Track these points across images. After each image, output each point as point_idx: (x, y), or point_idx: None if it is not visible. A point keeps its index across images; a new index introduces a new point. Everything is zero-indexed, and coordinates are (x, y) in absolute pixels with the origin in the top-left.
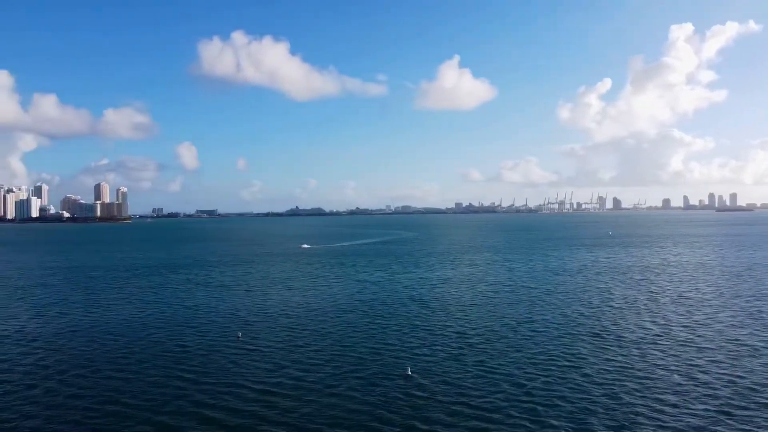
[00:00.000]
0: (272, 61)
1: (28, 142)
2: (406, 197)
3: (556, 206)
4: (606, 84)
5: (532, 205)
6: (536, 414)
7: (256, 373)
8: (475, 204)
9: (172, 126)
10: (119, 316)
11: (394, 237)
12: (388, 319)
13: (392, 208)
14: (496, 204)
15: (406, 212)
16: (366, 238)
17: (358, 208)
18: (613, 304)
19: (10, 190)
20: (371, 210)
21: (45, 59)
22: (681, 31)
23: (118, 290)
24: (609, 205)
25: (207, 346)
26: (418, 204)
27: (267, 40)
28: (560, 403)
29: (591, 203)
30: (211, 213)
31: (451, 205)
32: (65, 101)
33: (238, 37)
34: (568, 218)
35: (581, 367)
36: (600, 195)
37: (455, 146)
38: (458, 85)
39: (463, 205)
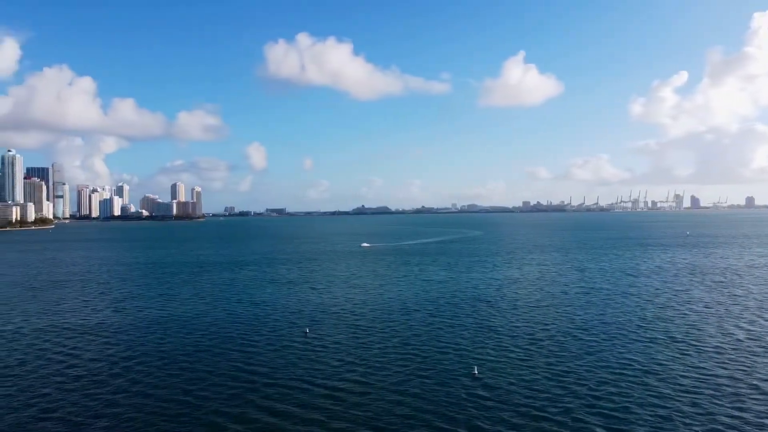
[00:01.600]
0: (336, 62)
1: (110, 145)
2: (472, 196)
3: (629, 205)
4: (682, 77)
5: (603, 203)
6: (605, 420)
7: (324, 369)
8: (543, 203)
9: (242, 127)
10: (192, 311)
11: (458, 236)
12: (454, 318)
13: (458, 206)
14: (566, 202)
15: (471, 211)
16: (430, 236)
17: (423, 206)
18: (692, 307)
19: (94, 190)
20: (437, 209)
21: (123, 65)
22: (765, 19)
23: (191, 286)
24: (686, 203)
25: (276, 342)
26: (484, 203)
27: (330, 41)
28: (632, 409)
29: (667, 202)
30: (279, 212)
31: (518, 204)
32: (142, 105)
33: (303, 38)
34: (642, 217)
35: (655, 373)
36: (677, 193)
37: (522, 143)
38: (523, 81)
39: (531, 204)
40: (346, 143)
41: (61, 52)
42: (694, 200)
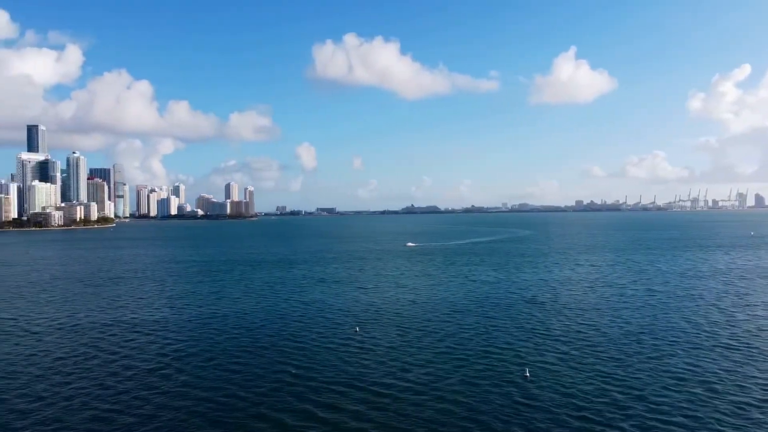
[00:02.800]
0: (383, 62)
1: (167, 146)
2: (524, 195)
3: (688, 204)
4: (744, 70)
5: (660, 202)
6: (655, 428)
7: (375, 369)
8: (597, 201)
9: (291, 127)
10: (244, 309)
11: (509, 235)
12: (503, 320)
13: (509, 206)
14: (621, 201)
15: (523, 210)
16: (479, 236)
17: (473, 206)
18: (756, 312)
19: (152, 190)
20: (487, 208)
21: (177, 68)
22: None
23: (243, 284)
24: (750, 202)
25: (326, 340)
26: (536, 202)
27: (378, 41)
28: (682, 419)
29: (729, 200)
30: (330, 211)
31: (571, 203)
32: (195, 107)
33: (350, 39)
34: (701, 217)
35: (720, 380)
36: (739, 191)
37: (574, 141)
38: (575, 77)
39: (584, 203)
40: (395, 142)
41: (120, 57)
42: (759, 199)
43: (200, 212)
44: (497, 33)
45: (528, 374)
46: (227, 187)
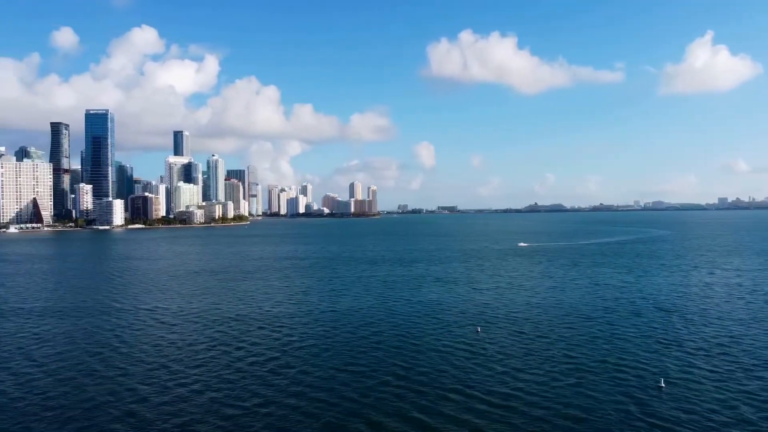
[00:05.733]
0: (500, 57)
1: (294, 147)
2: (658, 192)
3: None
4: None
5: None
6: None
7: (499, 372)
8: (744, 199)
9: (409, 127)
10: (361, 305)
11: (641, 235)
12: (633, 326)
13: (641, 204)
14: None
15: (657, 209)
16: (607, 236)
17: (601, 204)
18: None
19: (282, 190)
20: (616, 206)
21: (301, 73)
22: None
23: (363, 281)
24: None
25: (449, 338)
26: (672, 199)
27: (494, 37)
28: None
29: None
30: (450, 209)
31: (713, 201)
32: (318, 110)
33: (466, 36)
34: None
35: None
36: None
37: (713, 134)
38: (712, 64)
39: (728, 201)
40: (515, 139)
41: (250, 65)
42: None
43: (326, 210)
44: (621, 22)
45: (662, 384)
46: (351, 187)
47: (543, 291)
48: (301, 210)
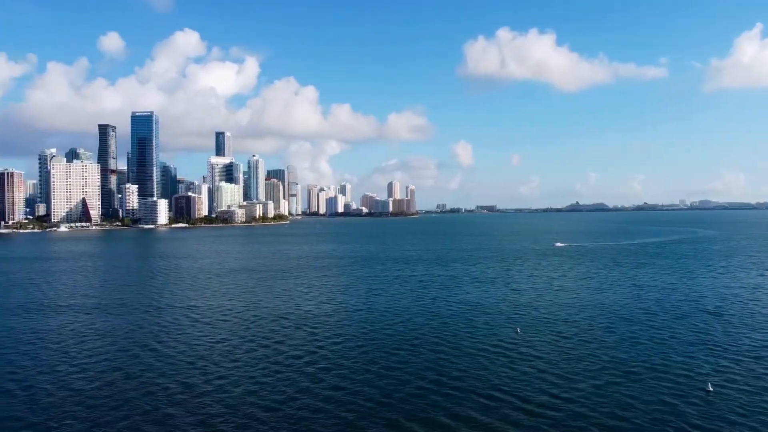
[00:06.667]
0: (538, 54)
1: (333, 147)
2: (705, 191)
3: None
4: None
5: None
6: None
7: (528, 380)
8: None
9: (446, 126)
10: (398, 304)
11: (687, 235)
12: (677, 328)
13: (687, 203)
14: None
15: (704, 208)
16: (651, 236)
17: (645, 203)
18: None
19: (321, 189)
20: (661, 205)
21: (338, 73)
22: None
23: (400, 280)
24: None
25: (487, 340)
26: (720, 198)
27: (532, 34)
28: None
29: None
30: (490, 209)
31: (763, 200)
32: (356, 110)
33: (503, 33)
34: None
35: None
36: None
37: (762, 130)
38: (761, 58)
39: None
40: (554, 137)
41: (289, 66)
42: None
43: (364, 210)
44: (664, 16)
45: (710, 387)
46: (389, 186)
47: (583, 292)
48: (340, 209)
